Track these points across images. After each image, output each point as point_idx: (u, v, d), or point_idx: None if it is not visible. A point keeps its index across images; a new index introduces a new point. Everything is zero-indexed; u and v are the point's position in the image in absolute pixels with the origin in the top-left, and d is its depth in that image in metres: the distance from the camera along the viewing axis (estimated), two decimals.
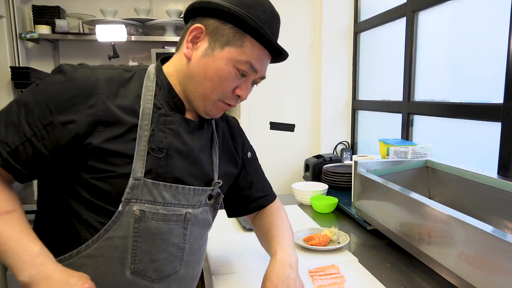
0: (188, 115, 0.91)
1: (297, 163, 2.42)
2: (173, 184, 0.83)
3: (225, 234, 1.47)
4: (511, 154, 1.23)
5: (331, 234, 1.34)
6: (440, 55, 1.69)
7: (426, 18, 1.73)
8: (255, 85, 0.93)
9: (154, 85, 0.85)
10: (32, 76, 2.33)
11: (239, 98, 0.88)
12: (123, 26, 2.34)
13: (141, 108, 0.81)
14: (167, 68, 0.90)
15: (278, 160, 2.42)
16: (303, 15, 2.36)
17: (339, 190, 1.97)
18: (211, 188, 0.92)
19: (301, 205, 1.86)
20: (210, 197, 0.93)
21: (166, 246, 0.84)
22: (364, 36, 2.33)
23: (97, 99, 0.77)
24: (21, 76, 2.32)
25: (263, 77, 0.90)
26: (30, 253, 0.70)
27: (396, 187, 1.25)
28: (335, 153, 2.43)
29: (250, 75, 0.86)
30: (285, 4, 2.32)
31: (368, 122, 2.39)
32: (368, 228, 1.50)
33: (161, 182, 0.81)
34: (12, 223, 0.73)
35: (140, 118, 0.80)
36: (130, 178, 0.78)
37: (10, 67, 2.35)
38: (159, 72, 0.88)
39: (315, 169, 2.17)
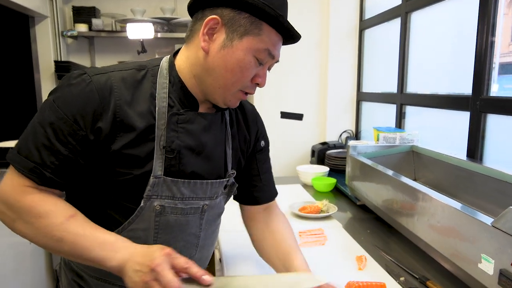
0: (202, 108, 0.89)
1: (305, 149, 2.65)
2: (191, 180, 0.86)
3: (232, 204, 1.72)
4: (477, 139, 1.42)
5: (322, 206, 1.58)
6: (429, 51, 1.88)
7: (418, 18, 1.92)
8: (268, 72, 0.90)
9: (167, 82, 0.85)
10: (72, 68, 2.65)
11: (257, 86, 0.87)
12: (151, 24, 2.62)
13: (157, 108, 0.82)
14: (179, 61, 0.88)
15: (287, 146, 2.66)
16: (311, 12, 2.56)
17: (339, 173, 2.19)
18: (226, 179, 0.94)
19: (304, 186, 2.10)
20: (225, 187, 0.95)
21: (183, 236, 0.90)
22: (368, 32, 2.52)
23: (115, 105, 0.78)
24: (63, 69, 2.65)
25: (277, 61, 0.89)
26: (109, 242, 0.74)
27: (380, 168, 1.47)
28: (340, 140, 2.64)
29: (267, 62, 0.85)
30: (294, 2, 2.53)
31: (372, 112, 2.58)
32: (357, 204, 1.73)
33: (179, 179, 0.84)
34: (80, 224, 0.76)
35: (156, 118, 0.81)
36: (151, 177, 0.81)
37: (54, 61, 2.68)
38: (171, 68, 0.86)
39: (320, 154, 2.40)
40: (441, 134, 1.86)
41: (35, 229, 0.75)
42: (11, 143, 2.19)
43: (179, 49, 0.91)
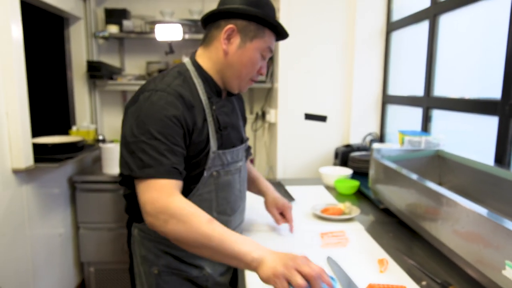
0: (223, 96, 1.20)
1: (328, 151, 2.65)
2: (233, 149, 1.18)
3: (256, 203, 1.75)
4: (506, 145, 1.39)
5: (344, 208, 1.58)
6: (457, 54, 1.85)
7: (447, 20, 1.89)
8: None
9: (201, 81, 1.12)
10: (102, 68, 2.75)
11: (261, 74, 1.18)
12: (180, 25, 2.68)
13: (203, 102, 1.09)
14: (204, 63, 1.14)
15: (311, 147, 2.67)
16: (337, 13, 2.55)
17: (363, 175, 2.18)
18: (245, 144, 1.29)
19: (327, 187, 2.10)
20: (245, 150, 1.31)
21: (234, 191, 1.20)
22: (395, 34, 2.49)
23: (185, 113, 1.02)
24: (94, 69, 2.75)
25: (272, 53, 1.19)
26: (247, 240, 0.88)
27: (404, 171, 1.46)
28: (364, 143, 2.62)
29: (267, 56, 1.16)
30: (320, 3, 2.54)
31: (397, 115, 2.55)
32: (380, 207, 1.72)
33: (226, 150, 1.15)
34: (219, 225, 0.91)
35: (205, 109, 1.09)
36: (210, 152, 1.09)
37: (87, 61, 2.79)
38: (200, 69, 1.13)
39: (343, 157, 2.39)
40: (469, 139, 1.82)
41: (188, 227, 0.89)
42: (45, 139, 2.29)
43: (194, 52, 1.18)
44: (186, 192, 1.08)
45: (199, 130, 1.06)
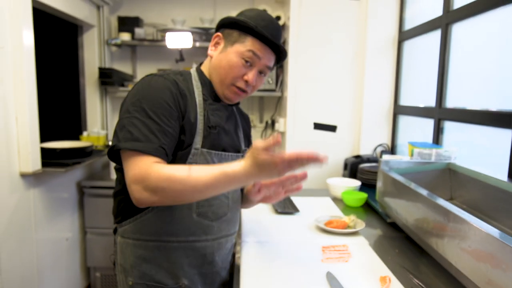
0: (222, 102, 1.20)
1: (337, 162, 2.60)
2: (222, 152, 1.15)
3: (259, 214, 1.72)
4: None
5: (349, 221, 1.53)
6: (471, 64, 1.79)
7: (460, 29, 1.83)
8: (265, 77, 1.20)
9: (200, 84, 1.17)
10: (114, 75, 2.78)
11: (247, 82, 1.14)
12: (190, 33, 2.70)
13: (197, 101, 1.12)
14: (204, 69, 1.22)
15: None
16: (348, 22, 2.53)
17: (371, 188, 2.12)
18: (241, 154, 1.25)
19: (334, 199, 2.05)
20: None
21: (218, 195, 1.13)
22: (407, 44, 2.44)
23: (178, 97, 1.06)
24: (105, 75, 2.78)
25: (268, 67, 1.16)
26: (232, 164, 0.94)
27: (413, 185, 1.40)
28: (374, 154, 2.56)
29: (255, 63, 1.13)
30: (331, 12, 2.51)
31: (409, 127, 2.49)
32: (388, 221, 1.66)
33: (212, 151, 1.12)
34: (198, 167, 0.97)
35: (197, 108, 1.11)
36: (193, 148, 1.08)
37: (98, 67, 2.83)
38: (201, 74, 1.20)
39: (352, 168, 2.34)
40: (482, 152, 1.75)
41: (184, 185, 0.93)
42: (54, 144, 2.32)
43: (201, 63, 1.25)
44: None
45: (189, 123, 1.07)
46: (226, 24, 1.16)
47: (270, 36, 1.11)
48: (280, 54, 1.17)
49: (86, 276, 2.77)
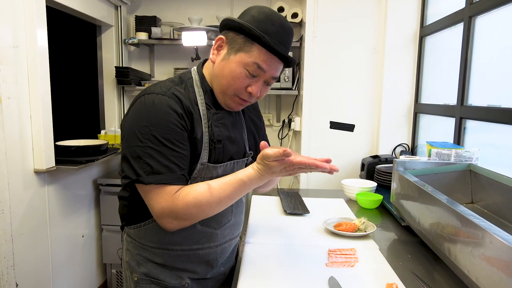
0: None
1: (355, 162, 2.51)
2: (227, 163, 1.12)
3: (267, 215, 1.67)
4: None
5: (359, 224, 1.46)
6: (496, 59, 1.67)
7: (484, 22, 1.71)
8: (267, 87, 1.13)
9: (202, 91, 1.08)
10: (130, 74, 2.80)
11: (251, 94, 1.06)
12: (204, 32, 2.68)
13: (200, 111, 1.05)
14: (206, 72, 1.12)
15: (335, 158, 2.52)
16: (367, 19, 2.44)
17: (389, 189, 2.02)
18: (247, 158, 1.22)
19: (349, 201, 1.97)
20: (246, 165, 1.21)
21: None
22: (428, 39, 2.32)
23: (184, 117, 1.01)
24: (121, 75, 2.81)
25: (274, 77, 1.07)
26: (245, 171, 1.00)
27: (428, 188, 1.31)
28: (394, 155, 2.46)
29: (260, 75, 1.04)
30: (349, 7, 2.43)
31: (431, 126, 2.37)
32: (402, 224, 1.57)
33: (218, 164, 1.08)
34: (219, 185, 0.99)
35: (201, 119, 1.04)
36: (198, 163, 1.04)
37: (115, 66, 2.86)
38: (203, 80, 1.11)
39: (370, 168, 2.25)
40: (507, 154, 1.63)
41: (210, 205, 0.98)
42: (70, 142, 2.35)
43: (205, 60, 1.15)
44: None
45: (195, 139, 1.04)
46: (230, 27, 1.04)
47: (278, 47, 1.00)
48: (288, 62, 1.08)
49: (102, 272, 2.80)
